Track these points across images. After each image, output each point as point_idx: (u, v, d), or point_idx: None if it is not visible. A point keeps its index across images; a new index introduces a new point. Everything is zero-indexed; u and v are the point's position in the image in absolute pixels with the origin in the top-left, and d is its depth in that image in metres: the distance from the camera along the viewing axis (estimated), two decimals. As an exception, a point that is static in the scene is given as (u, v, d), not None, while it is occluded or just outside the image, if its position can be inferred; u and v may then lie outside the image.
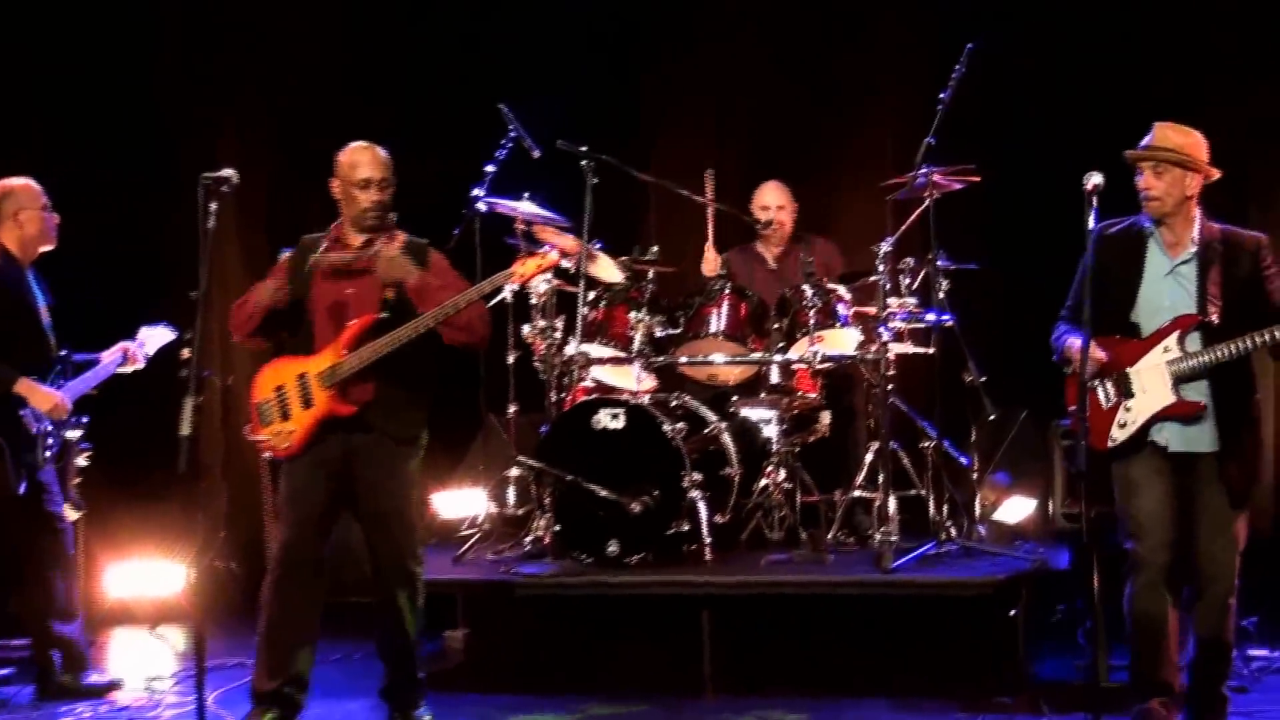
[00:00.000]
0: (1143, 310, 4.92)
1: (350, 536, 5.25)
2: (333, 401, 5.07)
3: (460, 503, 7.20)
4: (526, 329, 6.65)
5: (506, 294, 6.81)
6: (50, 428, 5.77)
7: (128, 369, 6.10)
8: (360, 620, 5.32)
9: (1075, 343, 4.89)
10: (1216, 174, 4.94)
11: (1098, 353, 4.84)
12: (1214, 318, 4.79)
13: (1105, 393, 4.94)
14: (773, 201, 7.31)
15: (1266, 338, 4.69)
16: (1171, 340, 4.84)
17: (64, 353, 5.90)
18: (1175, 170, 4.85)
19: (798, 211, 7.37)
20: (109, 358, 6.07)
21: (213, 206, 4.56)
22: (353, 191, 5.17)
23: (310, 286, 5.15)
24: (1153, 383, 4.86)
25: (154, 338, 6.20)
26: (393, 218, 5.29)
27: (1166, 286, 4.89)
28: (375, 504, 5.11)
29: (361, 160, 5.18)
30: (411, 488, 5.21)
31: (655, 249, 6.76)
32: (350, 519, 5.20)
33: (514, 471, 6.89)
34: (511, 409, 6.95)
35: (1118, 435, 4.91)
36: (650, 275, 6.66)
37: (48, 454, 5.78)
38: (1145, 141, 4.92)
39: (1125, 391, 4.92)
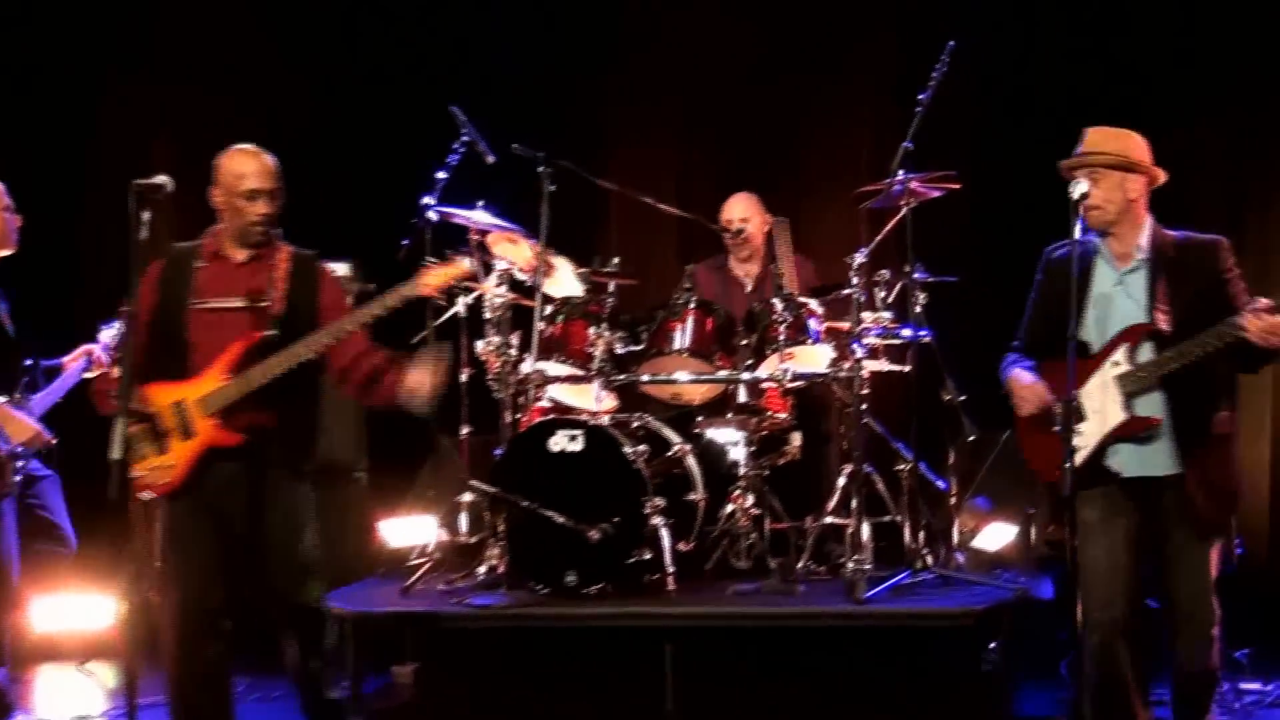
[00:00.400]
0: (1091, 327, 4.85)
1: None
2: (216, 430, 4.91)
3: (409, 530, 7.15)
4: (480, 345, 6.63)
5: (460, 308, 6.84)
6: (20, 450, 5.71)
7: (93, 373, 5.99)
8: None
9: (1020, 376, 4.91)
10: (1162, 175, 4.88)
11: (1039, 390, 4.83)
12: (1163, 325, 4.70)
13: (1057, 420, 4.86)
14: (737, 214, 7.32)
15: (1214, 340, 4.57)
16: (1120, 353, 4.76)
17: (30, 361, 5.85)
18: (1113, 175, 4.80)
19: (770, 226, 7.38)
20: (73, 363, 6.02)
21: (145, 215, 4.49)
22: (238, 203, 5.03)
23: (186, 304, 4.99)
24: (1103, 402, 4.77)
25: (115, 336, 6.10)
26: (278, 230, 5.18)
27: (1115, 299, 4.82)
28: (259, 537, 4.96)
29: (249, 169, 5.04)
30: (302, 519, 5.05)
31: (616, 260, 6.73)
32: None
33: (466, 497, 6.87)
34: (464, 430, 6.93)
35: (1068, 467, 4.73)
36: (611, 288, 6.65)
37: (16, 478, 5.73)
38: (1078, 149, 4.90)
39: (1077, 416, 4.79)
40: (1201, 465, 4.73)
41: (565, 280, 6.85)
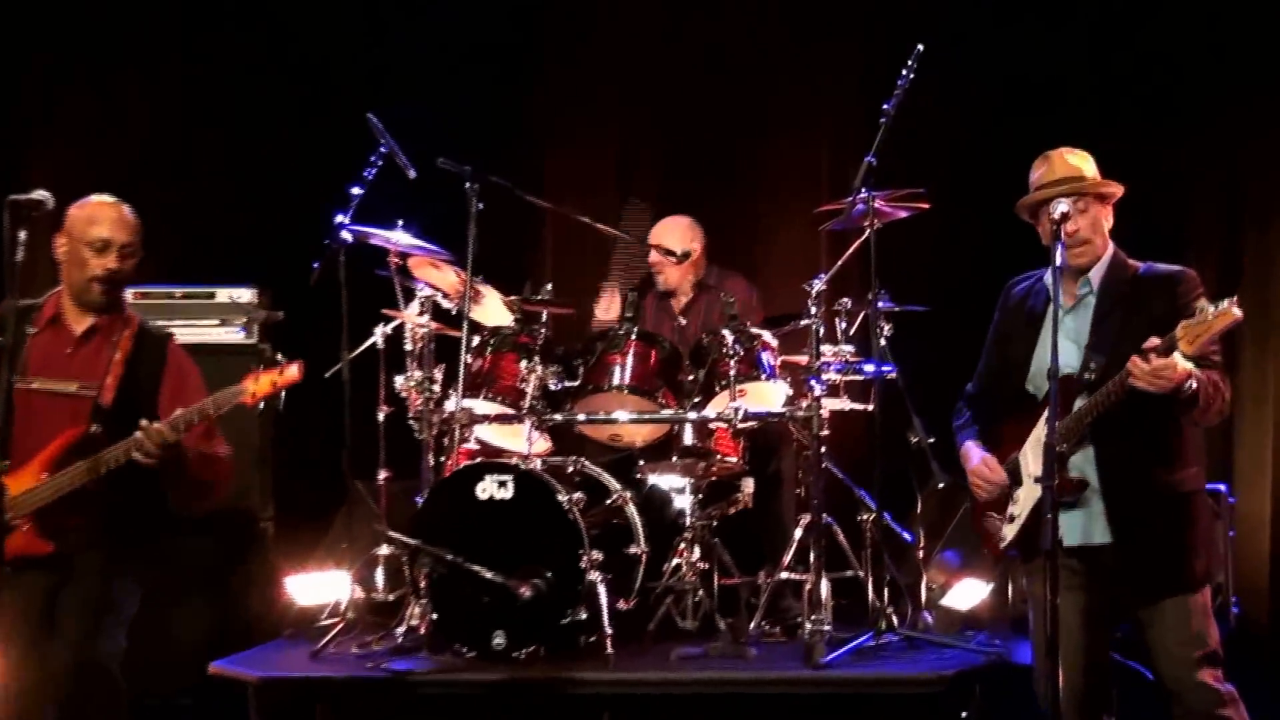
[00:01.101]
0: (1036, 376, 4.77)
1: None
2: (26, 539, 4.78)
3: (320, 587, 7.05)
4: (400, 381, 6.62)
5: (377, 338, 6.83)
6: None
7: None
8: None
9: (969, 454, 4.92)
10: (1118, 191, 4.83)
11: (986, 474, 4.83)
12: (1091, 374, 4.60)
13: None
14: (661, 246, 7.22)
15: (1115, 387, 4.45)
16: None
17: None
18: (1095, 204, 4.77)
19: (706, 249, 7.39)
20: None
21: (22, 235, 4.38)
22: (84, 253, 4.94)
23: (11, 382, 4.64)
24: (1036, 462, 4.65)
25: None
26: (126, 297, 5.13)
27: (1061, 343, 4.56)
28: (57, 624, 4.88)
29: (104, 216, 4.95)
30: (104, 619, 4.95)
31: (549, 287, 6.74)
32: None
33: (384, 550, 6.82)
34: (382, 475, 6.88)
35: (1008, 533, 4.81)
36: (544, 318, 6.66)
37: None
38: (1047, 177, 4.80)
39: (1015, 479, 4.81)
40: (1148, 530, 4.62)
41: (494, 308, 6.83)
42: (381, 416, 6.83)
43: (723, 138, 8.33)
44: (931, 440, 6.53)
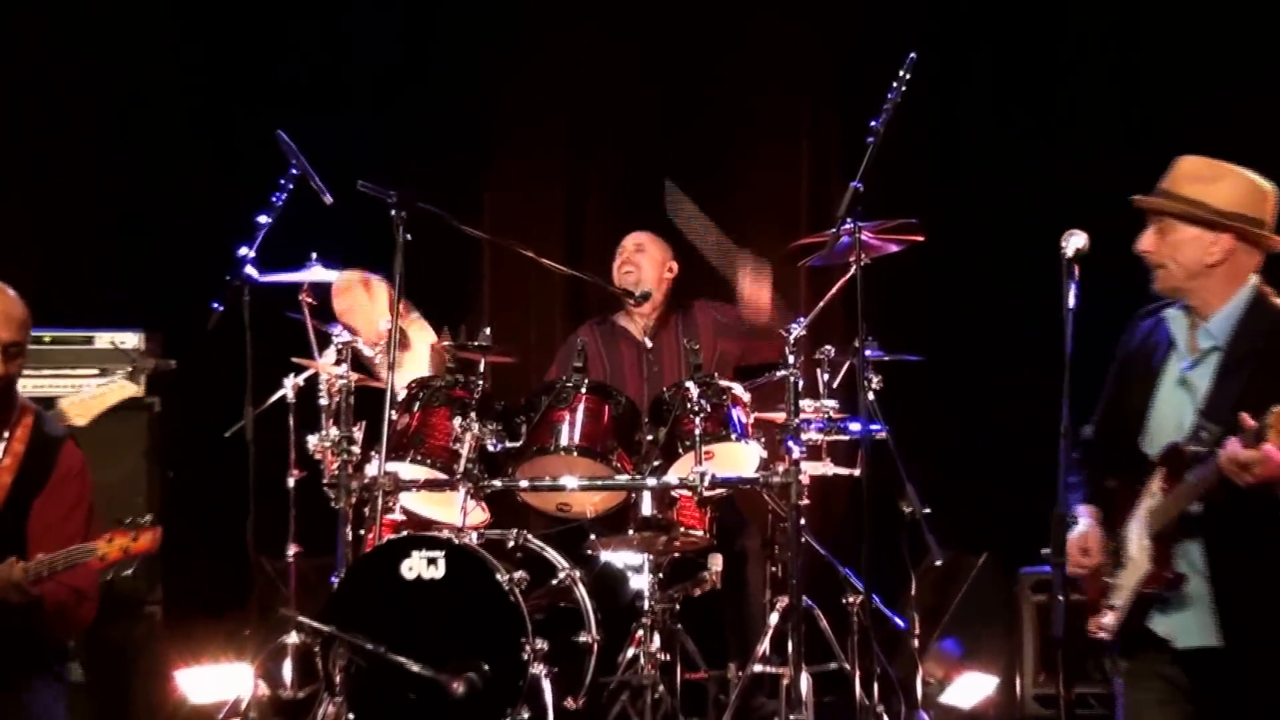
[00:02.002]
0: (1152, 437, 4.62)
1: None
2: None
3: (217, 682, 7.04)
4: (313, 440, 6.56)
5: (286, 391, 6.81)
6: None
7: None
8: None
9: (1078, 520, 4.68)
10: (1276, 240, 4.61)
11: (1086, 545, 4.65)
12: (1202, 447, 4.41)
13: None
14: (629, 244, 7.38)
15: (1217, 469, 4.28)
16: (1158, 481, 4.52)
17: None
18: (1187, 228, 4.60)
19: (676, 275, 7.48)
20: None
21: None
22: None
23: None
24: (1139, 545, 4.57)
25: None
26: (19, 392, 5.15)
27: (1177, 402, 4.57)
28: None
29: None
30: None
31: (488, 331, 6.65)
32: None
33: (292, 638, 6.72)
34: (291, 550, 6.84)
35: (1107, 622, 4.64)
36: (481, 367, 6.59)
37: None
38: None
39: (1116, 561, 4.65)
40: (1264, 635, 4.43)
41: (424, 357, 6.80)
42: (291, 482, 6.78)
43: (687, 163, 8.30)
44: (927, 511, 6.52)
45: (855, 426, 6.49)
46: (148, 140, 8.01)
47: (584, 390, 6.55)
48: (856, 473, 6.50)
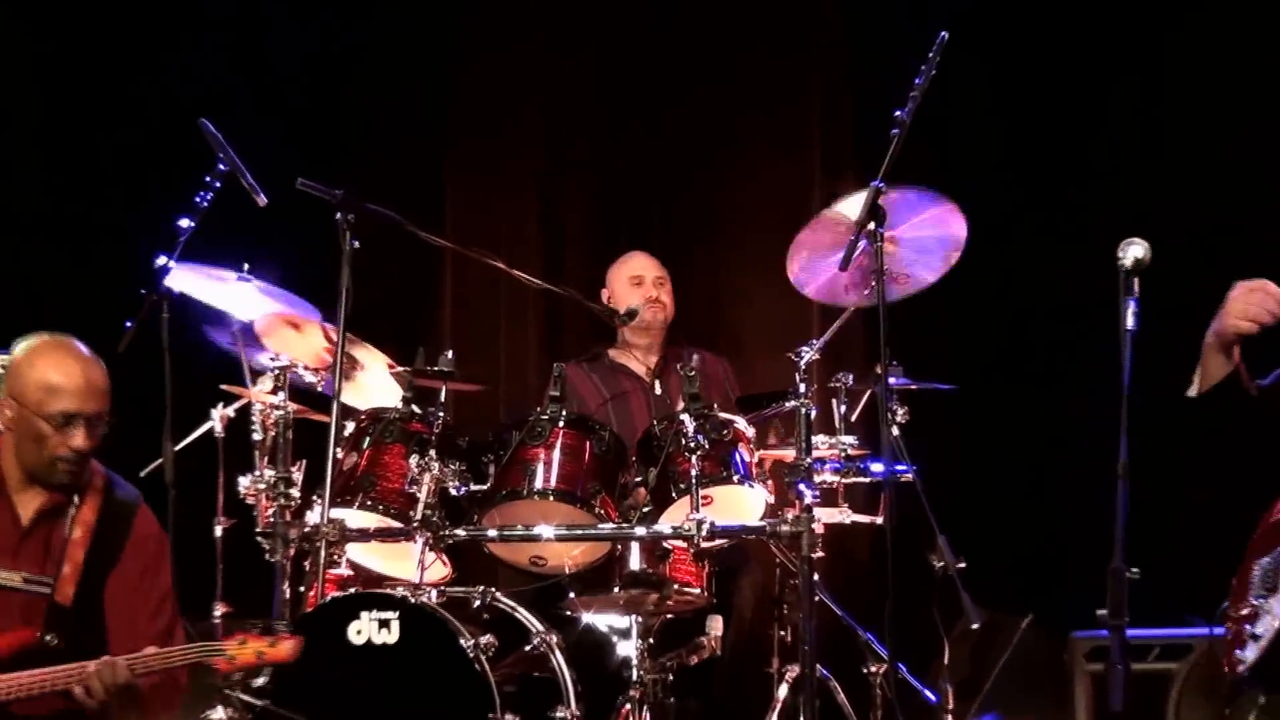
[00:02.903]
0: None
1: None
2: None
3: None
4: (245, 482, 6.48)
5: (214, 424, 6.76)
6: None
7: None
8: None
9: None
10: None
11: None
12: None
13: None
14: (649, 273, 7.45)
15: None
16: None
17: None
18: None
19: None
20: None
21: None
22: (42, 428, 5.12)
23: None
24: None
25: None
26: (92, 467, 5.27)
27: None
28: None
29: (69, 383, 5.13)
30: None
31: (450, 355, 6.66)
32: None
33: (219, 713, 6.47)
34: (218, 610, 6.71)
35: (1247, 655, 4.80)
36: (443, 396, 6.58)
37: None
38: None
39: (1269, 584, 4.80)
40: None
41: (375, 384, 6.78)
42: (219, 531, 6.70)
43: (676, 157, 8.48)
44: (962, 565, 6.41)
45: (877, 467, 6.51)
46: (50, 131, 8.08)
47: (562, 424, 6.50)
48: (879, 520, 6.52)
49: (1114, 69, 7.72)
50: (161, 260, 6.49)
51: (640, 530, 6.42)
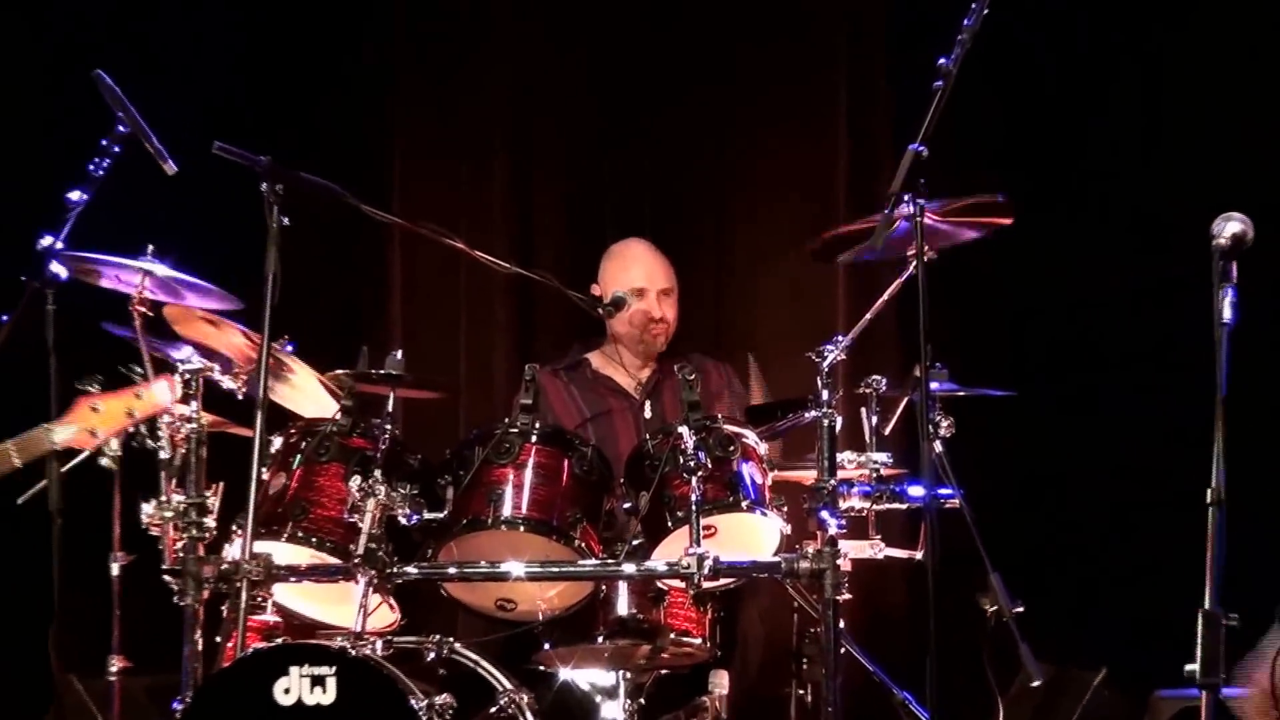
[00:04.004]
0: None
1: None
2: None
3: None
4: (148, 510, 6.36)
5: (111, 442, 6.57)
6: None
7: None
8: None
9: None
10: None
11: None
12: None
13: None
14: (654, 284, 7.48)
15: None
16: None
17: None
18: None
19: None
20: None
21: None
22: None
23: None
24: None
25: None
26: None
27: None
28: None
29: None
30: None
31: (399, 356, 6.58)
32: None
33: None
34: (114, 665, 6.60)
35: None
36: (390, 406, 6.50)
37: None
38: None
39: None
40: None
41: (309, 391, 6.73)
42: (116, 569, 6.57)
43: (676, 125, 8.47)
44: (1020, 609, 6.34)
45: (916, 490, 6.47)
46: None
47: (535, 439, 6.45)
48: (918, 555, 6.50)
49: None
50: (47, 241, 6.47)
51: (629, 568, 6.36)
